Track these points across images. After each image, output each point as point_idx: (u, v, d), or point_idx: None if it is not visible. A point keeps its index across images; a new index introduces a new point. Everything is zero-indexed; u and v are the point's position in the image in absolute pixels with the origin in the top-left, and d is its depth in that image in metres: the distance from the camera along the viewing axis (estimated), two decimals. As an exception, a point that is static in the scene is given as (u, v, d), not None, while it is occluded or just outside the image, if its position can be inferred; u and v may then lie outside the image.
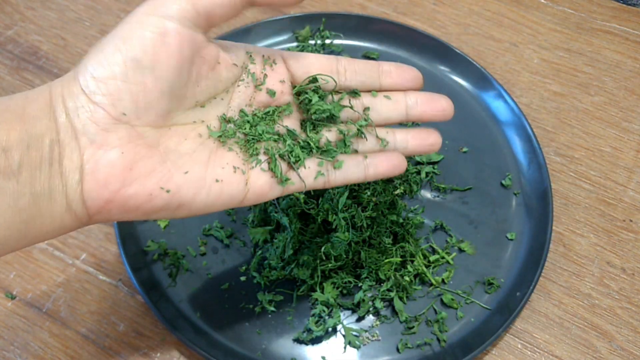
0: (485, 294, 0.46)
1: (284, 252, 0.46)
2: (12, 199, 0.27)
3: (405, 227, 0.47)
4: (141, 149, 0.30)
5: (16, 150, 0.27)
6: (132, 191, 0.30)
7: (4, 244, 0.28)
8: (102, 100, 0.29)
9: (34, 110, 0.29)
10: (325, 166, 0.36)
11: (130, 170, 0.30)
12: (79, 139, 0.29)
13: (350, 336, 0.44)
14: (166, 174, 0.31)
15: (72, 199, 0.29)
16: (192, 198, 0.32)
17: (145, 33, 0.29)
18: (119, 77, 0.29)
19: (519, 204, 0.50)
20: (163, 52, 0.29)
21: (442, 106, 0.39)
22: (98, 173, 0.29)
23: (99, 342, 0.45)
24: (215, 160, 0.33)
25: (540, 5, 0.64)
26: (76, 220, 0.30)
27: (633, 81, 0.58)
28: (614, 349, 0.45)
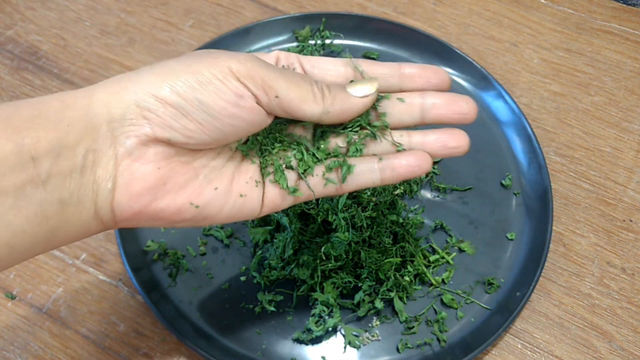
0: (485, 294, 0.46)
1: (284, 252, 0.46)
2: (39, 207, 0.27)
3: (405, 227, 0.47)
4: (176, 165, 0.31)
5: (46, 159, 0.27)
6: (163, 205, 0.30)
7: (30, 250, 0.28)
8: (155, 119, 0.29)
9: (69, 118, 0.28)
10: (335, 173, 0.35)
11: (163, 185, 0.30)
12: (116, 149, 0.29)
13: (350, 336, 0.44)
14: (197, 189, 0.31)
15: (100, 207, 0.29)
16: (218, 212, 0.32)
17: (225, 89, 0.30)
18: (181, 110, 0.29)
19: (519, 204, 0.50)
20: (234, 111, 0.30)
21: (462, 109, 0.35)
22: (132, 185, 0.29)
23: (99, 342, 0.45)
24: (240, 174, 0.33)
25: (540, 5, 0.64)
26: (101, 226, 0.30)
27: (633, 81, 0.58)
28: (614, 349, 0.45)
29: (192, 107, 0.29)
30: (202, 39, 0.60)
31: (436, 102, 0.35)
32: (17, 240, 0.27)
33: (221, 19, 0.62)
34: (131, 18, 0.62)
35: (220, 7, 0.63)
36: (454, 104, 0.35)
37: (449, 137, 0.36)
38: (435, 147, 0.36)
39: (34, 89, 0.58)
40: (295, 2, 0.63)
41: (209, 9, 0.63)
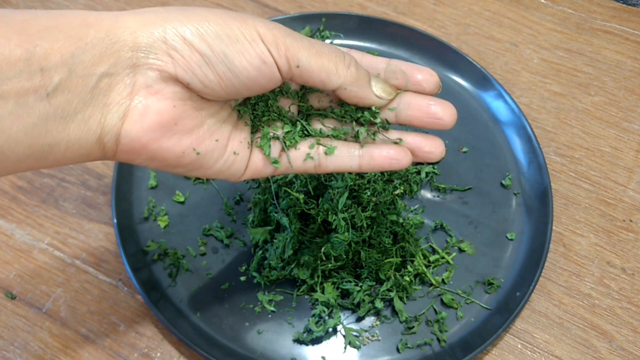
0: (485, 294, 0.46)
1: (284, 252, 0.46)
2: (40, 120, 0.27)
3: (405, 227, 0.47)
4: (188, 109, 0.31)
5: (56, 72, 0.26)
6: (169, 145, 0.31)
7: (22, 161, 0.27)
8: (180, 60, 0.29)
9: (91, 36, 0.27)
10: (315, 150, 0.36)
11: (175, 124, 0.30)
12: (135, 78, 0.29)
13: (351, 336, 0.44)
14: (201, 136, 0.32)
15: (106, 132, 0.29)
16: (212, 164, 0.33)
17: (251, 51, 0.30)
18: (207, 59, 0.29)
19: (519, 204, 0.50)
20: (254, 74, 0.30)
21: (437, 114, 0.34)
22: (145, 117, 0.29)
23: (99, 342, 0.45)
24: (236, 133, 0.34)
25: (540, 5, 0.64)
26: (101, 153, 0.30)
27: (633, 81, 0.58)
28: (614, 349, 0.45)
29: (217, 59, 0.29)
30: (202, 39, 0.60)
31: (412, 102, 0.35)
32: (11, 147, 0.27)
33: (221, 19, 0.62)
34: (131, 18, 0.62)
35: (220, 7, 0.63)
36: (430, 107, 0.34)
37: (425, 142, 0.36)
38: (409, 149, 0.36)
39: (34, 89, 0.58)
40: (295, 2, 0.63)
41: (209, 9, 0.63)
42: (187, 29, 0.29)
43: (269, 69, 0.31)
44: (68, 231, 0.49)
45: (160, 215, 0.49)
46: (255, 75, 0.30)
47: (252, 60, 0.30)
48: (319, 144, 0.36)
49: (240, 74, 0.30)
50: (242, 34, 0.30)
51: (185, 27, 0.29)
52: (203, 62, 0.29)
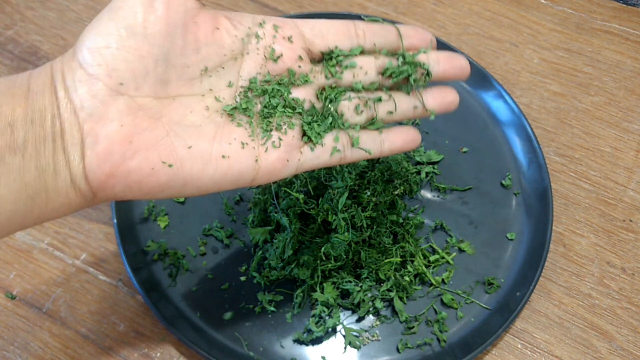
0: (485, 294, 0.46)
1: (284, 252, 0.46)
2: (18, 174, 0.28)
3: (405, 227, 0.47)
4: (141, 121, 0.30)
5: (21, 125, 0.28)
6: (134, 164, 0.30)
7: (11, 219, 0.28)
8: (98, 70, 0.29)
9: (37, 86, 0.29)
10: (341, 141, 0.35)
11: (130, 142, 0.29)
12: (77, 114, 0.29)
13: (350, 336, 0.44)
14: (168, 147, 0.30)
15: (75, 173, 0.29)
16: (199, 175, 0.31)
17: (134, 1, 0.29)
18: (113, 45, 0.29)
19: (519, 204, 0.50)
20: (152, 18, 0.30)
21: (462, 64, 0.37)
22: (98, 146, 0.29)
23: (99, 342, 0.45)
24: (222, 136, 0.32)
25: (540, 5, 0.64)
26: (81, 197, 0.30)
27: (633, 81, 0.58)
28: (614, 349, 0.45)
29: (121, 37, 0.29)
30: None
31: (440, 58, 0.37)
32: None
33: (221, 19, 0.62)
34: (131, 18, 0.62)
35: (220, 7, 0.63)
36: (455, 59, 0.37)
37: (445, 93, 0.38)
38: (436, 103, 0.37)
39: (34, 89, 0.58)
40: (295, 2, 0.63)
41: (209, 9, 0.63)
42: (88, 39, 0.29)
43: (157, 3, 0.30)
44: (68, 231, 0.49)
45: (160, 215, 0.49)
46: (154, 18, 0.30)
47: (137, 11, 0.30)
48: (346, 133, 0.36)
49: (143, 30, 0.30)
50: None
51: (87, 39, 0.29)
52: (115, 50, 0.29)
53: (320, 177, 0.45)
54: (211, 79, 0.32)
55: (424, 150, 0.53)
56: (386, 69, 0.36)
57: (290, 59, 0.34)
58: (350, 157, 0.36)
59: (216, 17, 0.32)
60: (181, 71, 0.31)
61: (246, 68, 0.33)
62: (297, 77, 0.34)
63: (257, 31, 0.33)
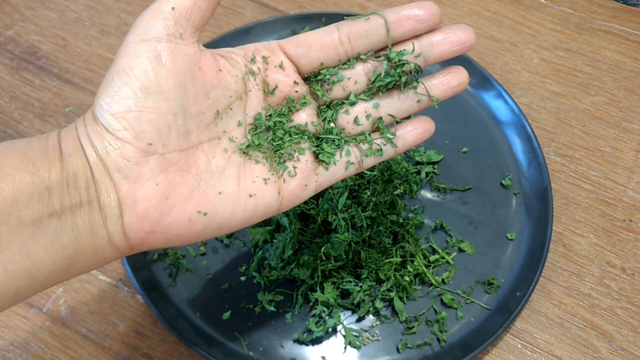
0: (485, 294, 0.46)
1: (284, 252, 0.46)
2: (55, 236, 0.28)
3: (405, 227, 0.47)
4: (174, 177, 0.30)
5: (58, 188, 0.28)
6: (172, 219, 0.30)
7: (48, 279, 0.29)
8: (126, 135, 0.29)
9: (68, 148, 0.29)
10: (353, 155, 0.36)
11: (167, 199, 0.30)
12: (112, 176, 0.29)
13: (351, 336, 0.44)
14: (201, 196, 0.31)
15: (113, 233, 0.30)
16: (230, 216, 0.32)
17: (142, 60, 0.29)
18: (134, 108, 0.29)
19: (519, 204, 0.50)
20: (163, 74, 0.30)
21: (460, 39, 0.34)
22: (136, 207, 0.29)
23: (99, 342, 0.45)
24: (245, 175, 0.33)
25: (540, 5, 0.64)
26: (117, 252, 0.31)
27: (633, 81, 0.58)
28: (614, 349, 0.45)
29: (139, 99, 0.29)
30: (202, 39, 0.60)
31: (432, 41, 0.34)
32: (36, 269, 0.28)
33: (221, 19, 0.62)
34: (131, 18, 0.62)
35: (220, 7, 0.63)
36: (453, 35, 0.34)
37: (451, 77, 0.36)
38: (441, 90, 0.36)
39: (34, 89, 0.58)
40: (295, 2, 0.63)
41: (209, 9, 0.63)
42: (105, 105, 0.29)
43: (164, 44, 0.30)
44: (68, 231, 0.49)
45: (160, 215, 0.49)
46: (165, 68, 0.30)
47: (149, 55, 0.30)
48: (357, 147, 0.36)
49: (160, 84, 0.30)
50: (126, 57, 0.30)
51: (104, 104, 0.29)
52: (138, 113, 0.29)
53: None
54: (223, 121, 0.33)
55: (424, 150, 0.53)
56: (373, 81, 0.35)
57: (286, 87, 0.35)
58: (366, 164, 0.36)
59: (216, 59, 0.32)
60: (198, 119, 0.31)
61: (251, 105, 0.34)
62: (297, 102, 0.35)
63: (252, 67, 0.34)
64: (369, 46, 0.35)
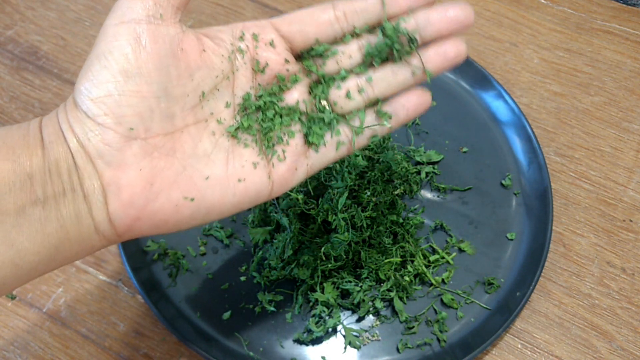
0: (485, 294, 0.46)
1: (284, 252, 0.46)
2: (39, 225, 0.28)
3: (405, 227, 0.47)
4: (158, 161, 0.30)
5: (40, 176, 0.28)
6: (158, 205, 0.30)
7: (34, 268, 0.28)
8: (107, 120, 0.29)
9: (49, 135, 0.29)
10: (343, 134, 0.35)
11: (151, 185, 0.30)
12: (95, 163, 0.29)
13: (351, 336, 0.44)
14: (187, 181, 0.31)
15: (99, 221, 0.29)
16: (219, 202, 0.32)
17: (122, 43, 0.29)
18: (114, 92, 0.29)
19: (519, 204, 0.50)
20: (144, 56, 0.29)
21: (458, 16, 0.33)
22: (121, 194, 0.29)
23: (99, 342, 0.45)
24: (234, 160, 0.32)
25: (540, 5, 0.64)
26: (105, 240, 0.30)
27: (633, 81, 0.58)
28: (614, 349, 0.45)
29: (119, 83, 0.29)
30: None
31: (429, 17, 0.33)
32: (21, 258, 0.28)
33: (221, 19, 0.62)
34: (131, 18, 0.62)
35: (220, 7, 0.63)
36: (448, 13, 0.33)
37: (447, 47, 0.34)
38: (438, 62, 0.34)
39: (34, 89, 0.58)
40: (295, 2, 0.63)
41: (209, 9, 0.63)
42: (84, 89, 0.29)
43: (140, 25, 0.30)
44: (68, 231, 0.49)
45: (160, 215, 0.49)
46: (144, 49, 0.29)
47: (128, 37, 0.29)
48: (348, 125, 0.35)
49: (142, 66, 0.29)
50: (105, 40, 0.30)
51: (84, 89, 0.29)
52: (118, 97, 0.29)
53: (320, 177, 0.45)
54: (210, 102, 0.32)
55: (424, 150, 0.53)
56: (366, 53, 0.34)
57: (277, 65, 0.34)
58: (357, 144, 0.35)
59: (199, 39, 0.32)
60: (183, 101, 0.31)
61: (239, 85, 0.33)
62: (288, 81, 0.34)
63: (240, 45, 0.33)
64: (365, 22, 0.34)
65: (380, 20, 0.34)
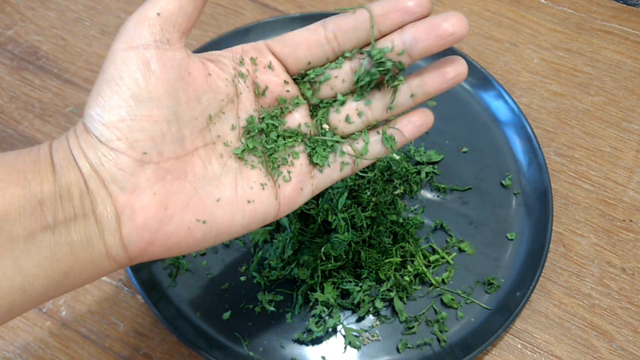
0: (485, 294, 0.46)
1: (284, 252, 0.46)
2: (49, 250, 0.27)
3: (405, 227, 0.47)
4: (171, 185, 0.30)
5: (51, 202, 0.27)
6: (172, 228, 0.30)
7: (43, 293, 0.28)
8: (120, 145, 0.29)
9: (59, 160, 0.29)
10: (347, 155, 0.35)
11: (165, 209, 0.30)
12: (108, 188, 0.29)
13: (351, 336, 0.44)
14: (199, 204, 0.31)
15: (111, 245, 0.29)
16: (229, 223, 0.32)
17: (131, 68, 0.29)
18: (127, 117, 0.29)
19: (519, 204, 0.50)
20: (153, 80, 0.29)
21: (447, 30, 0.31)
22: (135, 218, 0.29)
23: (99, 342, 0.45)
24: (243, 181, 0.33)
25: (540, 5, 0.64)
26: (115, 264, 0.30)
27: (633, 81, 0.58)
28: (614, 349, 0.45)
29: (131, 108, 0.29)
30: (202, 39, 0.60)
31: (416, 35, 0.32)
32: (30, 284, 0.27)
33: (221, 19, 0.62)
34: (131, 18, 0.62)
35: (220, 7, 0.63)
36: (437, 27, 0.32)
37: (446, 68, 0.34)
38: (436, 83, 0.34)
39: (34, 89, 0.58)
40: (295, 2, 0.63)
41: (209, 9, 0.63)
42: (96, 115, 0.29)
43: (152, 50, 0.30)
44: (68, 231, 0.49)
45: (160, 215, 0.49)
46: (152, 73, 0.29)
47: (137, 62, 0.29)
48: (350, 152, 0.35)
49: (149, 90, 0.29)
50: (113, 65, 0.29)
51: (95, 115, 0.29)
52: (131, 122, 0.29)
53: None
54: (217, 125, 0.32)
55: (424, 150, 0.53)
56: (355, 81, 0.34)
57: (277, 87, 0.34)
58: (362, 164, 0.36)
59: (204, 63, 0.32)
60: (192, 125, 0.31)
61: (243, 108, 0.34)
62: (289, 103, 0.35)
63: (240, 70, 0.33)
64: (356, 42, 0.33)
65: (368, 40, 0.33)
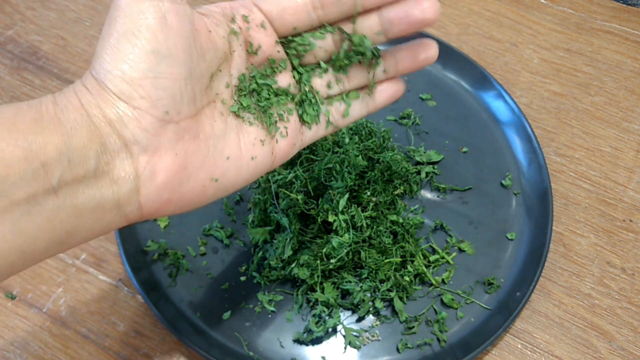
0: (485, 294, 0.46)
1: (284, 252, 0.46)
2: (52, 213, 0.26)
3: (405, 227, 0.47)
4: (189, 145, 0.30)
5: (56, 164, 0.26)
6: (189, 187, 0.30)
7: (43, 253, 0.27)
8: (143, 103, 0.28)
9: (70, 119, 0.27)
10: (332, 115, 0.37)
11: (185, 168, 0.30)
12: (130, 148, 0.28)
13: (351, 336, 0.44)
14: (212, 163, 0.31)
15: (125, 204, 0.29)
16: (235, 180, 0.33)
17: (149, 21, 0.27)
18: (150, 75, 0.28)
19: (519, 204, 0.50)
20: (171, 36, 0.28)
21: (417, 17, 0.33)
22: (156, 178, 0.29)
23: (99, 342, 0.45)
24: (244, 138, 0.33)
25: (540, 5, 0.64)
26: (125, 222, 0.30)
27: (633, 81, 0.58)
28: (614, 349, 0.45)
29: (152, 64, 0.28)
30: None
31: (391, 15, 0.33)
32: (30, 245, 0.27)
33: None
34: (131, 18, 0.62)
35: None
36: (408, 14, 0.33)
37: (418, 50, 0.36)
38: (408, 64, 0.36)
39: (34, 89, 0.58)
40: None
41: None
42: (115, 70, 0.27)
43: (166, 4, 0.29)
44: (68, 231, 0.49)
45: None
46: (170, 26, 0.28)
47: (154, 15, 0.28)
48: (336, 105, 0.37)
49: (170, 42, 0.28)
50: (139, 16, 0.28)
51: (114, 70, 0.27)
52: (153, 80, 0.28)
53: (320, 177, 0.45)
54: (214, 83, 0.32)
55: (424, 150, 0.53)
56: (334, 60, 0.36)
57: (268, 47, 0.34)
58: (342, 124, 0.37)
59: (202, 19, 0.31)
60: (200, 83, 0.30)
61: (235, 66, 0.33)
62: (278, 63, 0.35)
63: (233, 27, 0.33)
64: (340, 13, 0.34)
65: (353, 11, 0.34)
